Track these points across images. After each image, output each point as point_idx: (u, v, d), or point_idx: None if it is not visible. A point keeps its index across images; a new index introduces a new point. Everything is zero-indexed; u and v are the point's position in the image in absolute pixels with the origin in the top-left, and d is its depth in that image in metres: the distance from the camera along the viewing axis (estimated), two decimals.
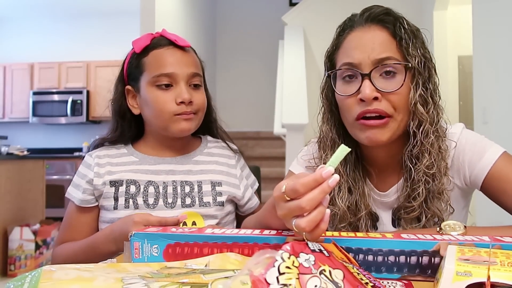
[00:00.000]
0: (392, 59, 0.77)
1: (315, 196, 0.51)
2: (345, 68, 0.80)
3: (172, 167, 1.03)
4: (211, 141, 1.12)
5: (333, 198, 0.85)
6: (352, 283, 0.44)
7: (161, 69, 0.96)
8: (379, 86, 0.76)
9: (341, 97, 0.81)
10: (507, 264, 0.48)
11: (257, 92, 5.74)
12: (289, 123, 3.29)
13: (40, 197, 3.36)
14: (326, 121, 0.88)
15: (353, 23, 0.83)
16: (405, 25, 0.79)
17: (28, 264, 2.93)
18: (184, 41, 1.01)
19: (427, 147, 0.79)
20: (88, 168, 1.02)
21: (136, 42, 1.01)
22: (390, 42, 0.78)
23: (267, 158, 4.51)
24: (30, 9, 5.43)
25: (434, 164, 0.79)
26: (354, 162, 0.87)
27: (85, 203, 1.00)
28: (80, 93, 5.26)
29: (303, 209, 0.51)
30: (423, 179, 0.79)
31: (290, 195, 0.52)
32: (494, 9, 2.75)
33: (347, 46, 0.81)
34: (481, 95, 2.92)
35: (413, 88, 0.78)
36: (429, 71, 0.80)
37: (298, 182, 0.51)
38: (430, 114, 0.79)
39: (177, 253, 0.63)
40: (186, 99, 0.95)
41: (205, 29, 5.32)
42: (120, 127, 1.05)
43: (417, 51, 0.78)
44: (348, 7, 0.90)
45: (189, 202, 1.00)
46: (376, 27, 0.80)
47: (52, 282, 0.47)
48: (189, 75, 0.98)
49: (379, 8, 0.82)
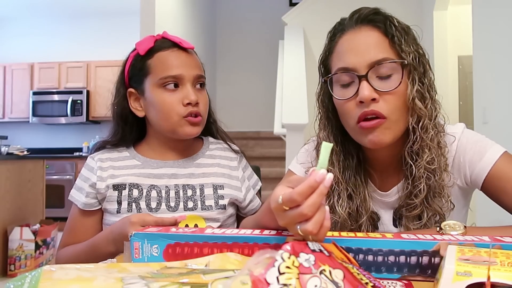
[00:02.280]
0: (387, 59, 0.77)
1: (315, 201, 0.51)
2: (341, 73, 0.79)
3: (175, 170, 1.03)
4: (212, 142, 1.12)
5: (333, 206, 0.84)
6: (352, 283, 0.44)
7: (168, 71, 0.96)
8: (377, 86, 0.76)
9: (339, 101, 0.80)
10: (507, 264, 0.48)
11: (257, 92, 5.74)
12: (289, 123, 3.30)
13: (40, 197, 3.36)
14: (323, 127, 0.87)
15: (343, 26, 0.82)
16: (395, 23, 0.79)
17: (28, 264, 2.93)
18: (188, 43, 1.01)
19: (427, 142, 0.78)
20: (91, 172, 1.02)
21: (140, 44, 1.01)
22: (383, 41, 0.78)
23: (267, 158, 4.51)
24: (30, 9, 5.43)
25: (434, 159, 0.79)
26: (356, 167, 0.86)
27: (89, 206, 1.00)
28: (80, 93, 5.27)
29: (306, 216, 0.51)
30: (425, 175, 0.79)
31: (288, 205, 0.52)
32: (494, 9, 2.75)
33: (340, 50, 0.80)
34: (481, 95, 2.92)
35: (410, 84, 0.78)
36: (424, 66, 0.80)
37: (294, 192, 0.51)
38: (428, 109, 0.79)
39: (177, 253, 0.63)
40: (193, 100, 0.96)
41: (205, 29, 5.32)
42: (122, 130, 1.05)
43: (410, 47, 0.78)
44: (348, 8, 0.90)
45: (191, 205, 1.00)
46: (367, 28, 0.79)
47: (52, 282, 0.47)
48: (194, 76, 0.98)
49: (367, 8, 0.82)
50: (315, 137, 0.94)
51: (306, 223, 0.51)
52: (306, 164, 0.93)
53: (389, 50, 0.78)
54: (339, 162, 0.85)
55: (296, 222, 0.52)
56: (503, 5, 2.62)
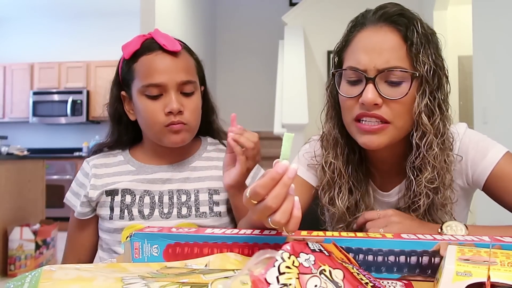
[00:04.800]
0: (398, 67, 0.74)
1: (278, 193, 0.51)
2: (351, 71, 0.77)
3: (169, 175, 1.00)
4: (211, 143, 1.09)
5: (333, 199, 0.84)
6: (352, 283, 0.44)
7: (149, 79, 0.91)
8: (383, 92, 0.74)
9: (343, 98, 0.79)
10: (507, 264, 0.48)
11: (257, 92, 5.74)
12: (289, 123, 3.29)
13: (40, 197, 3.36)
14: (329, 118, 0.86)
15: (365, 20, 0.79)
16: (418, 28, 0.75)
17: (28, 264, 2.93)
18: (174, 45, 0.93)
19: (430, 159, 0.76)
20: (85, 177, 1.02)
21: (126, 47, 0.96)
22: (400, 47, 0.75)
23: (267, 158, 4.48)
24: (30, 9, 5.43)
25: (436, 178, 0.76)
26: (357, 162, 0.86)
27: (83, 215, 1.01)
28: (80, 93, 5.27)
29: (271, 208, 0.51)
30: (424, 192, 0.77)
31: (255, 199, 0.53)
32: (494, 9, 2.75)
33: (356, 46, 0.78)
34: (481, 95, 2.92)
35: (418, 97, 0.75)
36: (439, 80, 0.76)
37: (257, 185, 0.51)
38: (435, 125, 0.76)
39: (177, 253, 0.63)
40: (174, 110, 0.91)
41: (205, 29, 5.32)
42: (117, 131, 1.03)
43: (428, 58, 0.74)
44: (348, 7, 0.90)
45: (185, 212, 0.97)
46: (387, 29, 0.76)
47: (52, 282, 0.47)
48: (179, 83, 0.92)
49: (394, 7, 0.78)
50: (316, 136, 0.94)
51: (274, 214, 0.52)
52: (308, 162, 0.91)
53: (404, 58, 0.75)
54: (343, 155, 0.84)
55: (266, 215, 0.53)
56: (503, 5, 2.61)
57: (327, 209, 0.87)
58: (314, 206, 0.92)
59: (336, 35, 0.87)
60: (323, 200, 0.86)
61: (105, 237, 0.99)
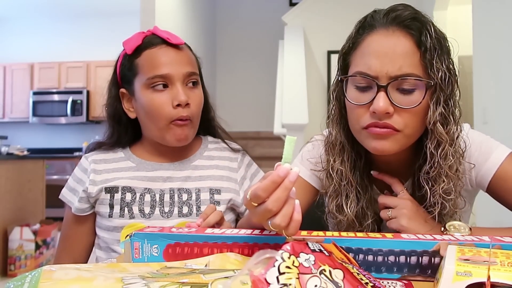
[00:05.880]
0: (412, 75, 0.70)
1: (279, 196, 0.51)
2: (360, 76, 0.73)
3: (170, 173, 0.99)
4: (211, 142, 1.08)
5: (341, 206, 0.81)
6: (352, 283, 0.44)
7: (155, 71, 0.91)
8: (395, 100, 0.70)
9: (351, 104, 0.75)
10: (507, 264, 0.48)
11: (257, 92, 5.74)
12: (289, 123, 3.29)
13: (40, 197, 3.36)
14: (335, 123, 0.82)
15: (375, 22, 0.74)
16: (431, 32, 0.72)
17: (28, 264, 2.93)
18: (177, 39, 0.95)
19: (445, 169, 0.73)
20: (84, 173, 1.00)
21: (127, 43, 0.96)
22: (413, 53, 0.71)
23: (267, 158, 4.50)
24: (30, 9, 5.43)
25: (452, 188, 0.73)
26: (363, 168, 0.83)
27: (81, 211, 0.99)
28: (80, 93, 5.27)
29: (272, 211, 0.51)
30: (439, 202, 0.74)
31: (256, 201, 0.52)
32: (494, 9, 2.75)
33: (365, 50, 0.73)
34: (481, 95, 2.92)
35: (432, 106, 0.71)
36: (452, 86, 0.73)
37: (258, 188, 0.51)
38: (450, 134, 0.73)
39: (177, 253, 0.63)
40: (183, 101, 0.91)
41: (205, 29, 5.31)
42: (117, 132, 1.02)
43: (442, 64, 0.71)
44: (348, 8, 0.89)
45: (186, 211, 0.96)
46: (400, 33, 0.72)
47: (52, 282, 0.47)
48: (184, 74, 0.93)
49: (407, 10, 0.73)
50: (319, 136, 0.91)
51: (274, 217, 0.52)
52: (312, 167, 0.88)
53: (417, 65, 0.71)
54: (349, 161, 0.81)
55: (266, 218, 0.53)
56: (503, 5, 2.61)
57: (334, 216, 0.83)
58: (314, 207, 0.92)
59: (336, 35, 0.87)
60: (330, 207, 0.83)
61: (103, 236, 0.98)
